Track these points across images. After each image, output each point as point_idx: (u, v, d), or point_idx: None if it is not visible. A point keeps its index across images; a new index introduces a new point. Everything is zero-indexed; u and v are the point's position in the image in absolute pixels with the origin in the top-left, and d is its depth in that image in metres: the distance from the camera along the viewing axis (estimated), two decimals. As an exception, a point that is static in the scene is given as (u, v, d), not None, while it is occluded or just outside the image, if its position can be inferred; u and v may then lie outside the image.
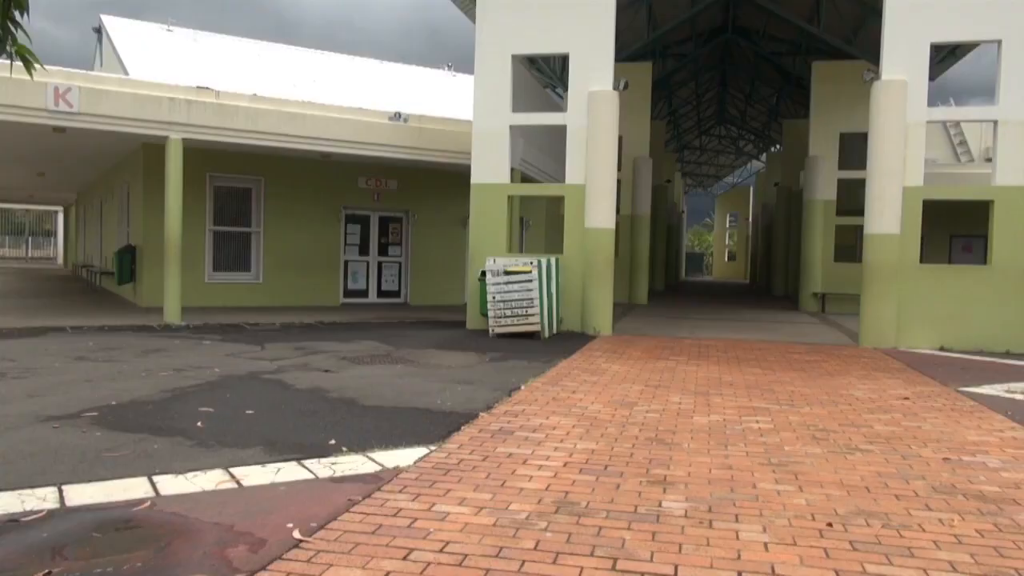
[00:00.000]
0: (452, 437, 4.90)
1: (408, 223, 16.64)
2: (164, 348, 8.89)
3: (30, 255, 41.27)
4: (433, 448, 4.63)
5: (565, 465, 4.33)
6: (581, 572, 2.94)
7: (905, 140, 10.41)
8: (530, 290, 10.44)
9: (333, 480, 3.99)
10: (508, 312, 10.50)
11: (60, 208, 33.70)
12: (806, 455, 4.73)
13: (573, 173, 11.43)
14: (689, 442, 4.98)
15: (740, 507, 3.75)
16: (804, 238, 17.84)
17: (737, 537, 3.33)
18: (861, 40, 16.83)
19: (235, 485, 3.87)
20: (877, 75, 10.64)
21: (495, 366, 8.04)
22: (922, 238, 11.52)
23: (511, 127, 11.57)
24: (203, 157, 13.73)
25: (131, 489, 3.76)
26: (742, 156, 44.18)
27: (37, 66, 2.83)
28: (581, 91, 11.27)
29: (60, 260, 34.72)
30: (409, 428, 5.12)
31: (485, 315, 10.83)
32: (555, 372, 7.67)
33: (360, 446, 4.63)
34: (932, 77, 12.73)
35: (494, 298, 10.51)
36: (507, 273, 10.59)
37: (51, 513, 3.41)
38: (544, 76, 19.51)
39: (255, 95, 12.64)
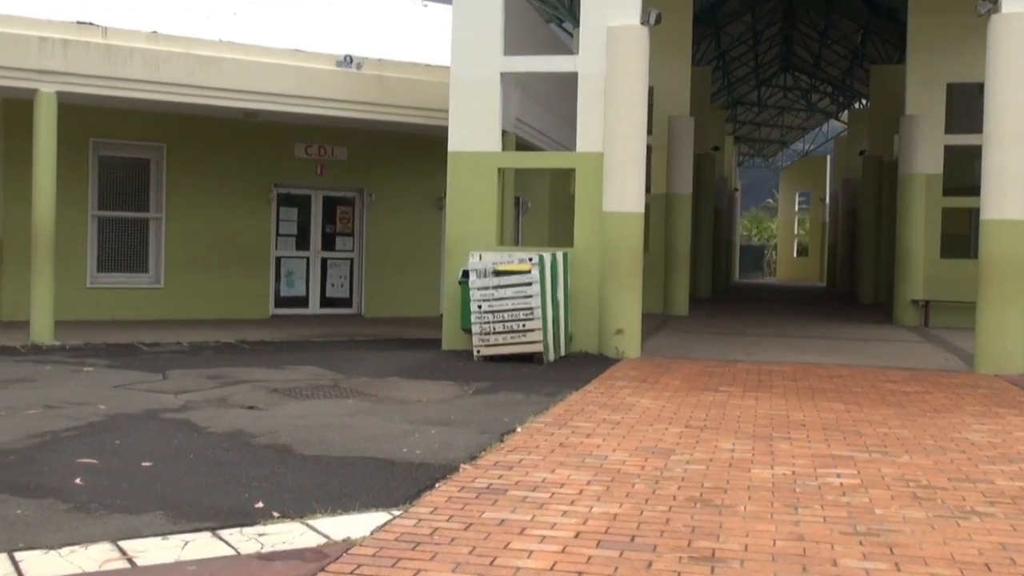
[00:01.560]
0: (423, 498, 4.95)
1: (363, 206, 16.80)
2: (31, 377, 9.02)
3: None
4: (397, 513, 4.67)
5: (577, 536, 4.35)
6: None
7: (1037, 92, 10.14)
8: (529, 296, 10.55)
9: (261, 557, 3.99)
10: (499, 327, 10.62)
11: None
12: (904, 521, 4.80)
13: (587, 138, 11.60)
14: (746, 503, 5.02)
15: (815, 595, 3.56)
16: (900, 226, 18.09)
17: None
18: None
19: (126, 565, 3.86)
20: (996, 6, 10.78)
21: (482, 400, 8.20)
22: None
23: (503, 75, 11.70)
24: (84, 117, 13.79)
25: (-18, 573, 3.53)
26: (815, 115, 44.20)
27: None
28: (598, 26, 11.48)
29: None
30: (364, 485, 5.17)
31: (468, 331, 10.92)
32: (563, 408, 7.83)
33: (298, 510, 4.67)
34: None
35: (480, 308, 10.64)
36: (498, 274, 10.64)
37: None
38: (548, 7, 19.91)
39: (155, 33, 12.73)
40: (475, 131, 11.66)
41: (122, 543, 4.12)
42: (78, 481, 5.14)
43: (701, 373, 10.43)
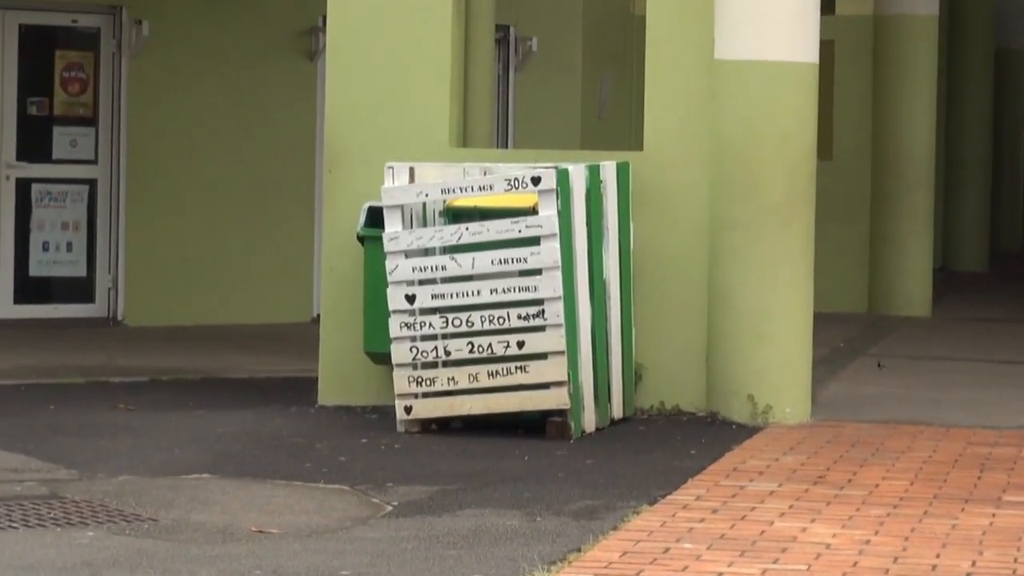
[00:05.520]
0: None
1: (118, 52, 14.38)
2: None
3: None
4: None
5: None
6: None
7: None
8: (533, 272, 8.78)
9: None
10: (460, 347, 8.86)
11: None
12: None
13: None
14: None
15: None
16: None
17: None
18: None
19: None
20: None
21: (416, 534, 6.39)
22: None
23: None
24: None
25: None
26: None
27: None
28: None
29: None
30: None
31: (382, 358, 9.41)
32: (619, 553, 5.88)
33: None
34: None
35: (412, 300, 8.81)
36: (456, 216, 9.06)
37: None
38: None
39: None
40: None
41: None
42: None
43: (959, 459, 8.62)
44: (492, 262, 8.82)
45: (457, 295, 8.77)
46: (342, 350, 10.03)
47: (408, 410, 9.04)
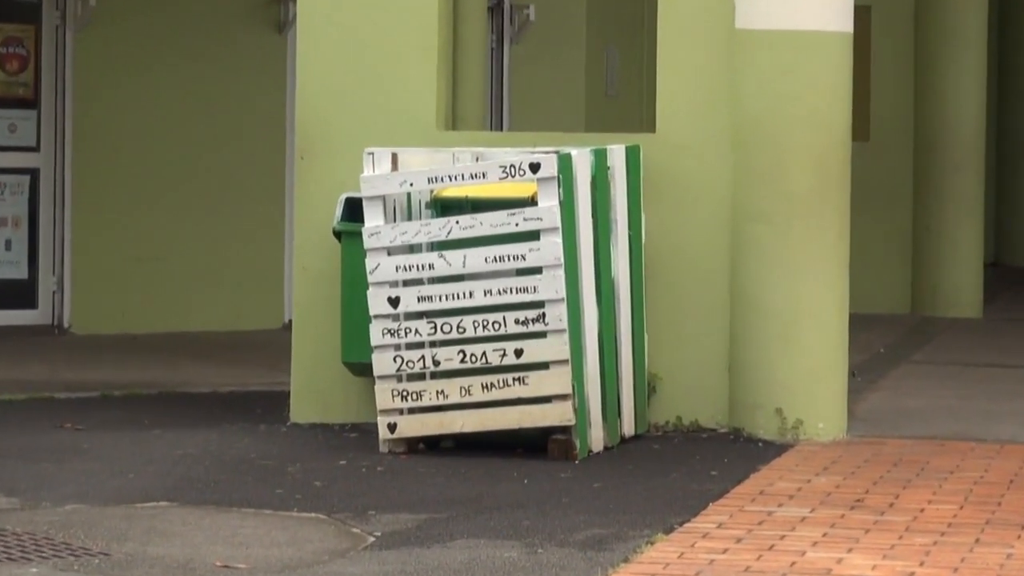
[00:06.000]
0: None
1: (62, 28, 14.48)
2: None
3: None
4: None
5: None
6: None
7: None
8: (532, 271, 8.77)
9: None
10: (451, 356, 8.87)
11: None
12: None
13: None
14: None
15: None
16: None
17: None
18: None
19: None
20: None
21: (404, 570, 6.20)
22: None
23: None
24: None
25: None
26: None
27: None
28: None
29: None
30: None
31: (362, 368, 9.39)
32: None
33: None
34: None
35: (396, 304, 8.82)
36: (445, 207, 9.10)
37: None
38: None
39: None
40: None
41: None
42: None
43: (1014, 480, 8.55)
44: (486, 260, 8.63)
45: (447, 297, 8.59)
46: (317, 360, 9.90)
47: (392, 428, 8.85)
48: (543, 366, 8.61)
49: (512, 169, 8.66)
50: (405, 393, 8.83)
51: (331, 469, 8.51)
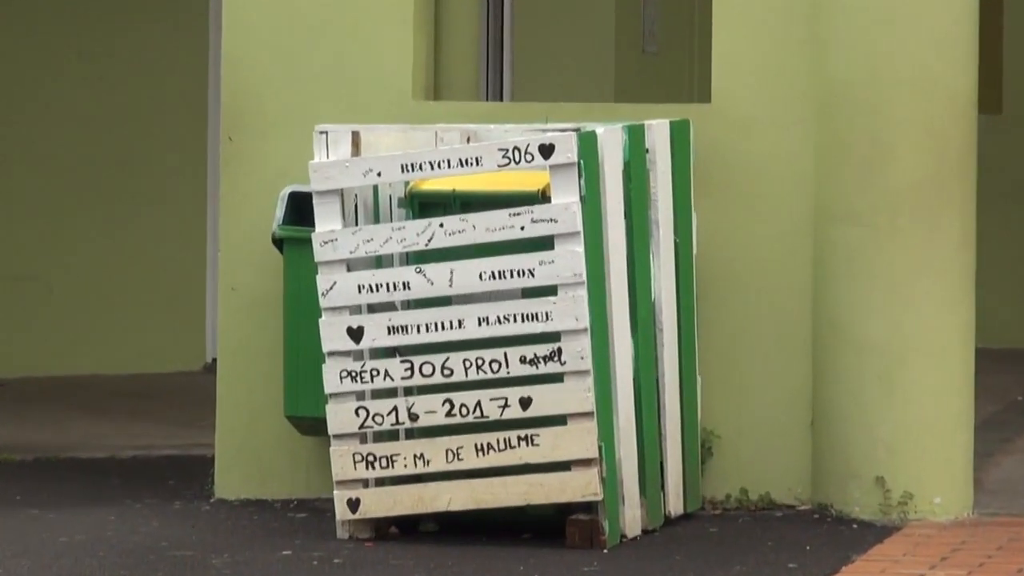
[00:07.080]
0: None
1: None
2: None
3: None
4: None
5: None
6: None
7: None
8: (544, 293, 8.64)
9: None
10: (433, 411, 8.76)
11: None
12: None
13: None
14: None
15: None
16: None
17: None
18: None
19: None
20: None
21: None
22: None
23: None
24: None
25: None
26: None
27: None
28: None
29: None
30: None
31: (310, 423, 9.49)
32: None
33: None
34: None
35: (360, 336, 8.86)
36: (424, 204, 9.03)
37: None
38: None
39: None
40: None
41: None
42: None
43: None
44: (480, 276, 8.03)
45: (427, 327, 8.05)
46: (250, 413, 9.50)
47: (354, 505, 8.27)
48: (559, 421, 7.98)
49: (516, 153, 8.05)
50: (372, 458, 8.26)
51: (271, 562, 7.93)
